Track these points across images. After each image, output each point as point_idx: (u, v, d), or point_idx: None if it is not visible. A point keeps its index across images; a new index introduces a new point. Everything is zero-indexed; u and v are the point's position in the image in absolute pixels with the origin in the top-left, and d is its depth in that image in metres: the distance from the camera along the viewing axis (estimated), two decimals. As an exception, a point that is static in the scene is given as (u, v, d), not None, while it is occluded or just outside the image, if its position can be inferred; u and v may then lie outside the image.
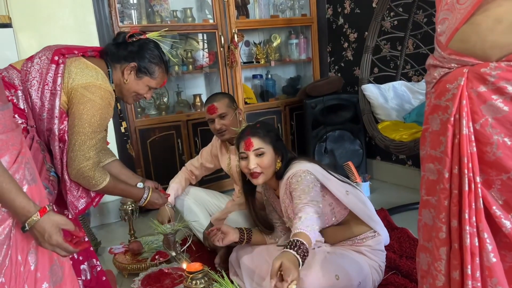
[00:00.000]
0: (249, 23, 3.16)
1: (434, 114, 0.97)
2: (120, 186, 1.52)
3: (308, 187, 1.44)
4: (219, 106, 2.04)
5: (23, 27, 2.47)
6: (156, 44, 1.51)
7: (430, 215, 1.01)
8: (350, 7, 3.13)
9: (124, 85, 1.49)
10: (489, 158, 0.88)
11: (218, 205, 2.24)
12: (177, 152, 2.94)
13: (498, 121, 0.86)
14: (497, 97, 0.85)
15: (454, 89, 0.90)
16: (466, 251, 0.90)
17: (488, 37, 0.84)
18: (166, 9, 3.00)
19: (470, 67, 0.88)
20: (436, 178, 0.98)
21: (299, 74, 3.63)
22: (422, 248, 1.04)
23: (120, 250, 2.09)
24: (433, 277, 0.98)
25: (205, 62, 3.17)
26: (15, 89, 1.32)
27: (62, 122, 1.35)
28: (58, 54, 1.35)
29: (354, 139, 3.07)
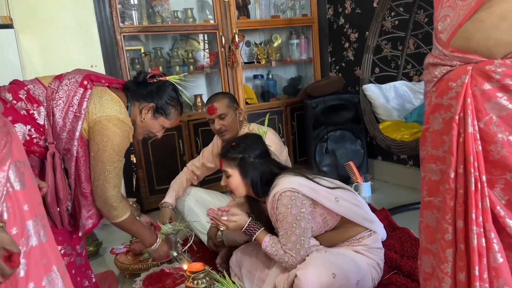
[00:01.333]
0: (250, 23, 3.17)
1: (435, 114, 0.95)
2: (136, 225, 1.60)
3: (296, 220, 1.48)
4: (218, 106, 2.05)
5: (25, 28, 2.48)
6: (174, 87, 1.58)
7: (433, 217, 0.99)
8: (351, 7, 3.13)
9: (140, 123, 1.55)
10: (493, 157, 0.86)
11: (219, 205, 2.23)
12: (178, 153, 2.94)
13: (502, 119, 0.85)
14: (502, 95, 0.84)
15: (458, 87, 0.88)
16: (474, 251, 0.88)
17: (492, 34, 0.83)
18: (167, 9, 3.00)
19: (474, 64, 0.86)
20: (439, 178, 0.96)
21: (300, 74, 3.63)
22: (425, 251, 1.03)
23: (121, 250, 2.09)
24: (439, 279, 0.96)
25: (206, 63, 3.17)
26: (38, 104, 1.35)
27: (81, 146, 1.40)
28: (87, 79, 1.41)
29: (355, 139, 3.07)
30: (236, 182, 1.59)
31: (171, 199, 2.13)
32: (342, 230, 1.62)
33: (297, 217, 1.48)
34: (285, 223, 1.49)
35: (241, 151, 1.58)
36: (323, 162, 3.08)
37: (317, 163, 3.07)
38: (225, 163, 1.60)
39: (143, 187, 2.84)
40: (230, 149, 1.60)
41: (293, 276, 1.44)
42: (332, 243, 1.63)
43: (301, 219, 1.49)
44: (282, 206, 1.48)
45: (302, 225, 1.49)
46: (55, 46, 2.59)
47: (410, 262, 1.79)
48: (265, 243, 1.54)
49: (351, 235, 1.61)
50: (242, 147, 1.59)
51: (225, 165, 1.60)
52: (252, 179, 1.57)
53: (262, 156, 1.60)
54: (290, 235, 1.49)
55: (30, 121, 1.33)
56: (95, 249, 2.26)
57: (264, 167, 1.58)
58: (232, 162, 1.58)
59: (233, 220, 1.58)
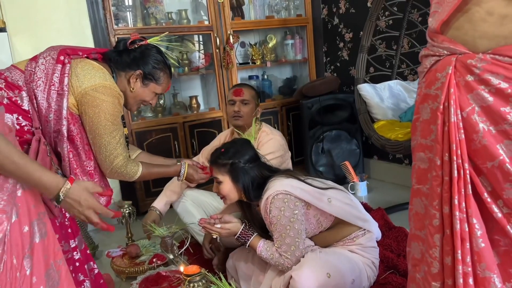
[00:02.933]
0: (244, 24, 3.16)
1: (424, 104, 0.98)
2: (155, 170, 1.60)
3: (289, 222, 1.48)
4: (246, 92, 2.14)
5: (18, 30, 2.47)
6: (158, 49, 1.51)
7: (422, 204, 1.02)
8: (345, 7, 3.14)
9: (131, 93, 1.49)
10: (476, 146, 0.90)
11: (216, 206, 2.23)
12: (174, 154, 2.94)
13: (484, 110, 0.88)
14: (483, 87, 0.88)
15: (443, 78, 0.92)
16: (456, 236, 0.91)
17: (479, 26, 0.87)
18: (161, 11, 3.00)
19: (458, 56, 0.90)
20: (427, 166, 0.99)
21: (295, 74, 3.63)
22: (414, 237, 1.06)
23: (117, 253, 2.08)
24: (428, 264, 0.99)
25: (201, 64, 3.17)
26: (19, 89, 1.30)
27: (74, 123, 1.35)
28: (63, 54, 1.34)
29: (351, 139, 3.08)
30: (227, 188, 1.58)
31: (159, 204, 2.14)
32: (336, 230, 1.63)
33: (290, 219, 1.48)
34: (279, 225, 1.49)
35: (231, 156, 1.57)
36: (319, 162, 3.09)
37: (313, 163, 3.08)
38: (215, 169, 1.60)
39: (139, 189, 2.83)
40: (220, 156, 1.59)
41: (288, 277, 1.44)
42: (326, 243, 1.63)
43: (295, 221, 1.49)
44: (275, 209, 1.49)
45: (296, 227, 1.49)
46: (49, 49, 2.59)
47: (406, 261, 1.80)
48: (260, 248, 1.54)
49: (345, 234, 1.62)
50: (232, 153, 1.58)
51: (216, 172, 1.60)
52: (244, 184, 1.57)
53: (252, 160, 1.60)
54: (285, 237, 1.49)
55: (15, 108, 1.28)
56: (91, 252, 2.24)
57: (255, 171, 1.58)
58: (222, 168, 1.58)
59: (226, 228, 1.58)
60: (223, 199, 1.65)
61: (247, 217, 1.70)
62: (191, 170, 1.68)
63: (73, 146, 1.36)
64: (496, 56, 0.85)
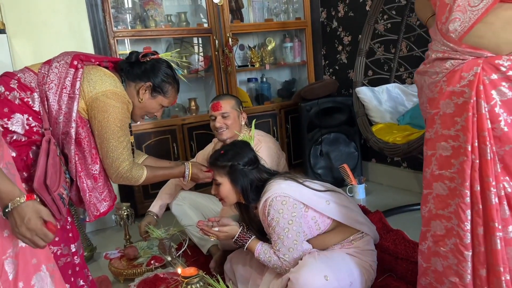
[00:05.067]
0: (243, 27, 3.18)
1: (446, 100, 1.14)
2: (159, 173, 1.62)
3: (288, 224, 1.49)
4: (224, 105, 2.08)
5: (17, 33, 2.47)
6: (168, 64, 1.56)
7: (445, 186, 1.18)
8: (344, 10, 3.15)
9: (139, 103, 1.53)
10: (497, 133, 1.08)
11: (214, 209, 2.24)
12: (172, 156, 2.94)
13: (503, 103, 1.07)
14: (505, 84, 1.05)
15: (471, 77, 1.08)
16: (492, 209, 1.08)
17: (501, 34, 1.05)
18: (161, 13, 3.01)
19: (485, 58, 1.07)
20: (451, 153, 1.16)
21: (294, 77, 3.64)
22: (436, 216, 1.21)
23: (115, 255, 2.09)
24: (460, 237, 1.15)
25: (200, 66, 3.17)
26: (31, 91, 1.33)
27: (82, 127, 1.38)
28: (77, 59, 1.39)
29: (350, 142, 3.09)
30: (226, 190, 1.59)
31: (154, 208, 2.16)
32: (334, 232, 1.63)
33: (289, 222, 1.49)
34: (277, 228, 1.49)
35: (230, 158, 1.58)
36: (317, 165, 3.09)
37: (312, 165, 3.08)
38: (214, 171, 1.61)
39: (137, 191, 2.83)
40: (219, 158, 1.60)
41: (286, 279, 1.45)
42: (324, 246, 1.63)
43: (293, 223, 1.49)
44: (274, 211, 1.49)
45: (294, 229, 1.50)
46: (48, 51, 2.54)
47: (404, 264, 1.80)
48: (258, 251, 1.54)
49: (343, 237, 1.62)
50: (231, 155, 1.59)
51: (215, 174, 1.61)
52: (243, 186, 1.57)
53: (251, 163, 1.60)
54: (283, 239, 1.49)
55: (26, 109, 1.32)
56: (89, 254, 2.25)
57: (253, 173, 1.59)
58: (221, 171, 1.58)
59: (224, 231, 1.59)
60: (222, 201, 1.65)
61: (245, 220, 1.70)
62: (195, 170, 1.69)
63: (79, 149, 1.39)
64: None
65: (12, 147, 1.28)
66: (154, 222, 2.09)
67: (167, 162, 1.77)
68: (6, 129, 1.28)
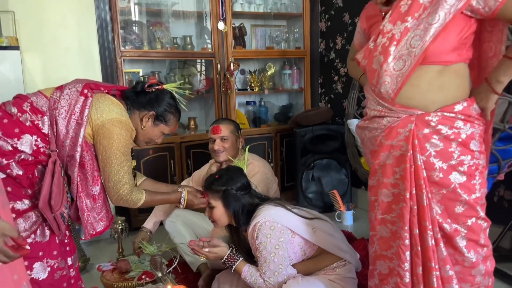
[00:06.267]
0: (245, 53, 3.32)
1: (386, 152, 1.30)
2: (157, 197, 1.71)
3: (274, 249, 1.58)
4: (223, 129, 2.20)
5: (29, 47, 2.58)
6: (172, 95, 1.65)
7: (387, 229, 1.32)
8: (342, 43, 3.31)
9: (141, 130, 1.62)
10: (434, 179, 1.24)
11: (206, 228, 2.31)
12: (169, 173, 3.03)
13: (437, 153, 1.24)
14: (436, 137, 1.23)
15: (406, 132, 1.26)
16: (429, 250, 1.22)
17: (427, 95, 1.24)
18: (167, 35, 3.14)
19: (417, 116, 1.25)
20: (391, 199, 1.31)
21: (291, 102, 3.77)
22: (380, 257, 1.37)
23: (108, 267, 2.15)
24: (401, 276, 1.29)
25: (201, 87, 3.30)
26: (42, 114, 1.42)
27: (87, 151, 1.47)
28: (87, 87, 1.48)
29: (341, 168, 3.19)
30: (219, 213, 1.68)
31: (149, 224, 2.25)
32: (318, 259, 1.71)
33: (275, 246, 1.58)
34: (264, 252, 1.58)
35: (224, 183, 1.68)
36: (309, 189, 3.19)
37: (303, 189, 3.18)
38: (209, 195, 1.70)
39: (132, 205, 2.90)
40: (214, 182, 1.70)
41: (269, 302, 1.53)
42: (308, 271, 1.72)
43: (279, 248, 1.58)
44: (262, 235, 1.58)
45: (280, 254, 1.59)
46: (56, 66, 2.70)
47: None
48: (244, 273, 1.63)
49: (327, 264, 1.71)
50: (225, 180, 1.69)
51: (209, 197, 1.70)
52: (235, 210, 1.66)
53: (243, 188, 1.70)
54: (269, 263, 1.58)
55: (35, 131, 1.40)
56: (82, 264, 2.32)
57: (245, 198, 1.69)
58: (215, 194, 1.68)
59: (213, 252, 1.67)
60: (214, 223, 1.75)
61: (234, 242, 1.79)
62: (191, 196, 1.77)
63: (82, 171, 1.47)
64: (444, 113, 1.24)
65: (19, 166, 1.37)
66: (148, 238, 2.17)
67: (164, 186, 1.85)
68: (15, 148, 1.36)
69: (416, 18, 1.23)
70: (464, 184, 1.25)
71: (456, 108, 1.24)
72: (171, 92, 1.65)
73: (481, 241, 1.28)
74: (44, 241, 1.43)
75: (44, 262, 1.42)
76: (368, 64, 1.32)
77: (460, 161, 1.24)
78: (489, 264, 1.30)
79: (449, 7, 1.19)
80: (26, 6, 2.55)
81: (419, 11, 1.23)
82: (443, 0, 1.19)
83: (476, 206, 1.26)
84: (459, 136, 1.24)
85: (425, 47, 1.20)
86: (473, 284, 1.28)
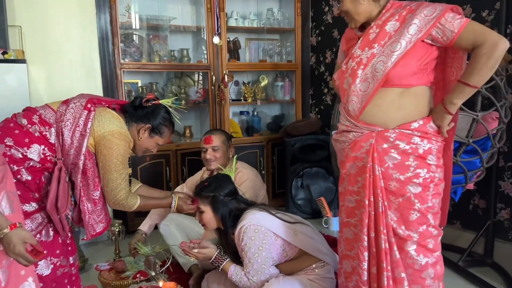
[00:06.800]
0: (239, 66, 3.49)
1: (351, 162, 1.46)
2: (150, 202, 1.87)
3: (258, 250, 1.72)
4: (215, 139, 2.37)
5: (34, 60, 2.73)
6: (167, 109, 1.82)
7: (351, 231, 1.47)
8: (331, 57, 3.48)
9: (138, 141, 1.78)
10: (391, 189, 1.38)
11: (198, 231, 2.46)
12: (165, 179, 3.18)
13: (395, 166, 1.38)
14: (394, 151, 1.37)
15: (368, 146, 1.40)
16: (382, 252, 1.36)
17: (387, 114, 1.38)
18: (165, 48, 3.31)
19: (377, 132, 1.39)
20: (354, 205, 1.45)
21: (283, 112, 3.93)
22: (345, 257, 1.52)
23: (105, 267, 2.29)
24: (360, 274, 1.43)
25: (197, 97, 3.46)
26: (50, 126, 1.58)
27: (89, 159, 1.62)
28: (91, 102, 1.64)
29: (328, 176, 3.34)
30: (208, 217, 1.83)
31: (144, 227, 2.39)
32: (299, 260, 1.86)
33: (259, 248, 1.73)
34: (249, 252, 1.73)
35: (213, 190, 1.82)
36: (298, 196, 3.34)
37: (293, 196, 3.33)
38: (199, 200, 1.85)
39: (129, 209, 3.05)
40: (203, 189, 1.84)
41: (253, 298, 1.67)
42: (290, 271, 1.86)
43: (263, 249, 1.73)
44: (247, 237, 1.73)
45: (263, 254, 1.73)
46: (60, 77, 2.85)
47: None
48: (231, 272, 1.77)
49: (307, 265, 1.85)
50: (214, 187, 1.83)
51: (199, 203, 1.84)
52: (222, 215, 1.81)
53: (231, 194, 1.85)
54: (253, 263, 1.73)
55: (43, 141, 1.56)
56: (81, 264, 2.45)
57: (233, 203, 1.83)
58: (205, 200, 1.83)
59: (202, 253, 1.81)
60: (204, 226, 1.89)
61: (222, 244, 1.93)
62: (181, 202, 1.93)
63: (84, 178, 1.63)
64: (402, 130, 1.38)
65: (28, 172, 1.52)
66: (143, 240, 2.32)
67: (158, 192, 2.00)
68: (25, 156, 1.52)
69: (381, 45, 1.37)
70: (419, 194, 1.37)
71: (412, 126, 1.37)
72: (166, 107, 1.81)
73: (430, 246, 1.40)
74: (48, 240, 1.58)
75: (48, 260, 1.57)
76: (340, 83, 1.47)
77: (416, 174, 1.37)
78: (438, 268, 1.42)
79: (410, 37, 1.33)
80: (33, 20, 2.71)
81: (385, 39, 1.37)
82: (405, 30, 1.33)
83: (427, 215, 1.38)
84: (416, 151, 1.36)
85: (386, 72, 1.34)
86: (424, 287, 1.40)
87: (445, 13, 1.32)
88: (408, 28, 1.34)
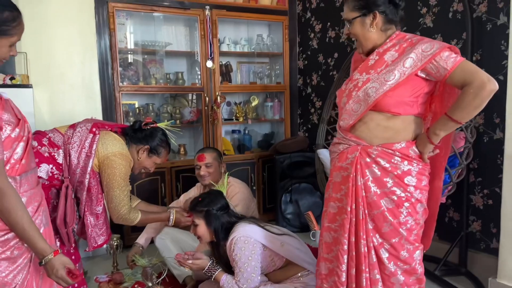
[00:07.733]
0: (231, 88, 3.69)
1: (337, 172, 1.56)
2: (150, 216, 2.03)
3: (248, 259, 1.85)
4: (207, 157, 2.56)
5: (38, 83, 2.90)
6: (164, 132, 2.01)
7: (331, 236, 1.57)
8: (317, 79, 3.71)
9: (137, 161, 1.95)
10: (369, 200, 1.48)
11: (192, 244, 2.59)
12: (160, 195, 3.32)
13: (374, 179, 1.47)
14: (375, 166, 1.46)
15: (352, 158, 1.50)
16: (362, 255, 1.47)
17: (373, 131, 1.48)
18: (161, 71, 3.51)
19: (362, 146, 1.49)
20: (336, 211, 1.55)
21: (273, 131, 4.12)
22: (323, 259, 1.61)
23: (104, 279, 2.42)
24: (338, 276, 1.53)
25: (191, 117, 3.64)
26: (58, 148, 1.76)
27: (94, 178, 1.79)
28: (95, 126, 1.82)
29: (315, 192, 3.51)
30: (202, 230, 1.98)
31: (141, 240, 2.54)
32: (286, 269, 2.02)
33: (248, 258, 1.88)
34: (239, 262, 1.88)
35: (206, 205, 1.98)
36: (287, 210, 3.50)
37: (282, 210, 3.49)
38: (193, 215, 2.00)
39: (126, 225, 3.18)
40: (197, 204, 2.01)
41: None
42: (278, 280, 2.02)
43: (252, 259, 1.89)
44: (237, 248, 1.88)
45: (252, 264, 1.89)
46: (62, 99, 3.02)
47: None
48: (223, 281, 1.92)
49: (293, 273, 2.00)
50: (207, 202, 1.99)
51: (194, 217, 2.00)
52: (215, 227, 1.96)
53: (223, 208, 2.01)
54: (243, 272, 1.88)
55: (52, 161, 1.72)
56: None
57: (225, 217, 1.99)
58: (199, 214, 1.98)
59: (196, 263, 1.95)
60: (199, 239, 2.05)
61: (215, 255, 2.08)
62: (178, 215, 2.10)
63: (89, 194, 1.79)
64: (384, 148, 1.46)
65: None
66: (140, 252, 2.46)
67: (156, 207, 2.17)
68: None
69: (377, 72, 1.43)
70: (391, 210, 1.45)
71: (395, 146, 1.44)
72: (163, 130, 2.00)
73: (401, 257, 1.48)
74: None
75: None
76: (338, 101, 1.61)
77: (392, 191, 1.44)
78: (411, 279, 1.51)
79: (405, 69, 1.38)
80: (37, 47, 2.89)
81: (381, 67, 1.43)
82: (402, 63, 1.39)
83: (399, 229, 1.46)
84: (395, 170, 1.44)
85: (376, 98, 1.41)
86: None
87: (441, 51, 1.36)
88: (404, 60, 1.39)
